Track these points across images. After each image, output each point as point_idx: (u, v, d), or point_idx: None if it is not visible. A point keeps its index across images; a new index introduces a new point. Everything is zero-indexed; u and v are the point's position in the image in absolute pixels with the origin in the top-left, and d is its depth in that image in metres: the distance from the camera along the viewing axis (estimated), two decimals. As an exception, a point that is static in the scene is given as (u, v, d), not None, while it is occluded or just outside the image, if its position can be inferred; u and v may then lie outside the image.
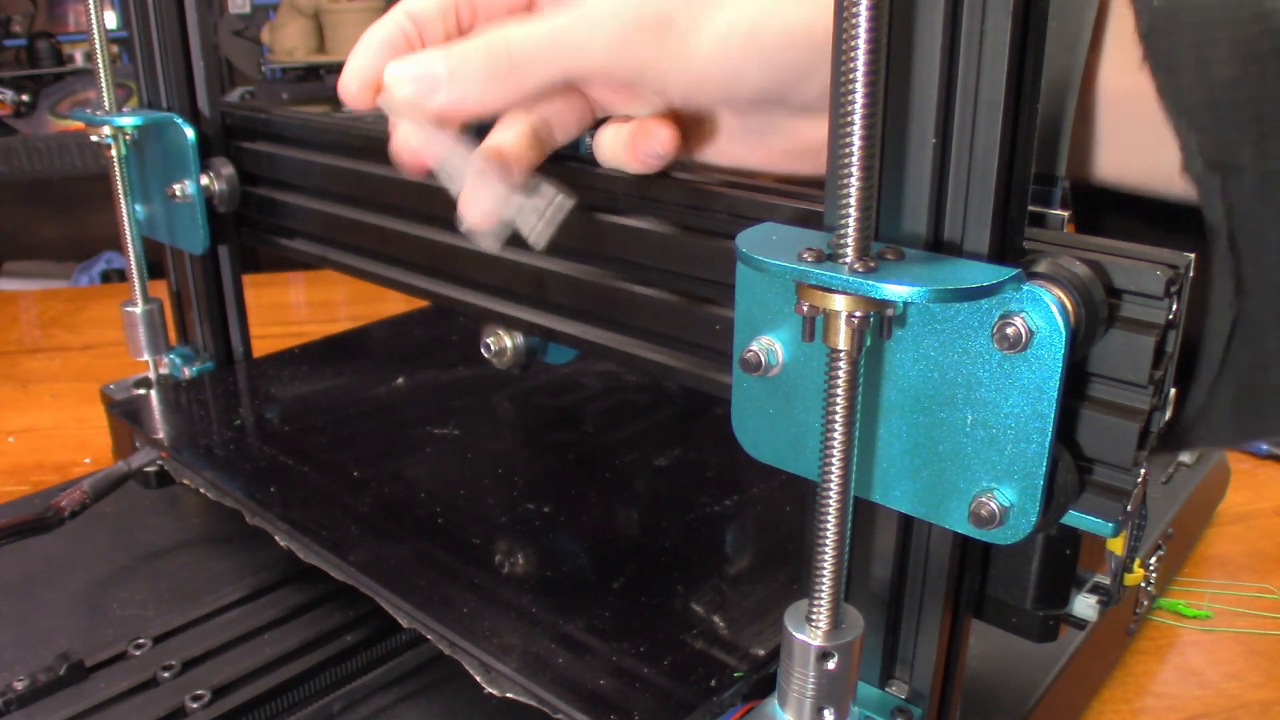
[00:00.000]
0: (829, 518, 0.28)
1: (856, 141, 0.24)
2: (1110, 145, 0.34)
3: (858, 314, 0.26)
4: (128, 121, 0.58)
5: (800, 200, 0.35)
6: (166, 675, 0.43)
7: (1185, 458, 0.61)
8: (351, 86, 0.37)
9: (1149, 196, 0.34)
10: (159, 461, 0.55)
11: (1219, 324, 0.31)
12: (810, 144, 0.36)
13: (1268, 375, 0.33)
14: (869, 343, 0.27)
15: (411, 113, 0.35)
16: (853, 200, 0.25)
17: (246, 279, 0.66)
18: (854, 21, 0.23)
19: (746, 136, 0.38)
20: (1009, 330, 0.26)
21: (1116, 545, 0.34)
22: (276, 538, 0.47)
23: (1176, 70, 0.31)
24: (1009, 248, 0.28)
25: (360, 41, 0.38)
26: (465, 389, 0.64)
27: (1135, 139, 0.33)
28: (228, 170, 0.60)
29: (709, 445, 0.57)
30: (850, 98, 0.24)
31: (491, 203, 0.36)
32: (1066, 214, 0.31)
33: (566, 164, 0.43)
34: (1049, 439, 0.27)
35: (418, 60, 0.34)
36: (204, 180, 0.59)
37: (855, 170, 0.24)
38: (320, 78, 1.63)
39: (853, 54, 0.24)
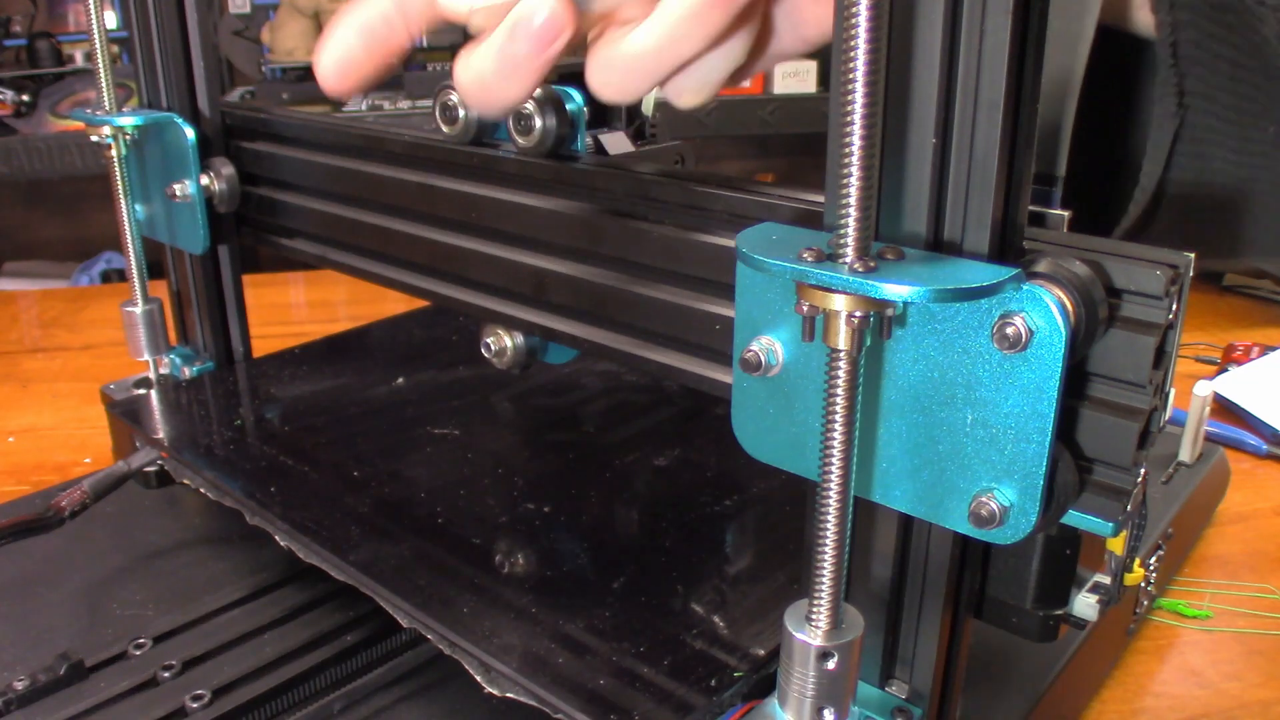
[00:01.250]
0: (829, 518, 0.28)
1: (856, 141, 0.24)
2: None
3: (858, 314, 0.26)
4: (128, 121, 0.58)
5: (800, 200, 0.35)
6: (166, 675, 0.43)
7: (1185, 457, 0.61)
8: (330, 73, 0.35)
9: (1121, 28, 0.35)
10: (159, 461, 0.55)
11: (1161, 135, 0.32)
12: None
13: (1211, 190, 0.33)
14: (869, 342, 0.27)
15: None
16: (853, 200, 0.25)
17: (246, 279, 0.66)
18: (854, 21, 0.23)
19: None
20: (1009, 330, 0.26)
21: (1116, 545, 0.34)
22: (276, 538, 0.47)
23: None
24: (1009, 247, 0.28)
25: (337, 25, 0.35)
26: (465, 389, 0.64)
27: None
28: (228, 170, 0.60)
29: (709, 445, 0.57)
30: (850, 98, 0.24)
31: None
32: (1067, 214, 0.31)
33: (569, 165, 0.43)
34: (1049, 439, 0.27)
35: None
36: (204, 180, 0.59)
37: (855, 170, 0.24)
38: (320, 78, 1.63)
39: (853, 54, 0.24)
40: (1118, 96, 0.37)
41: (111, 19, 1.37)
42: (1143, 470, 0.29)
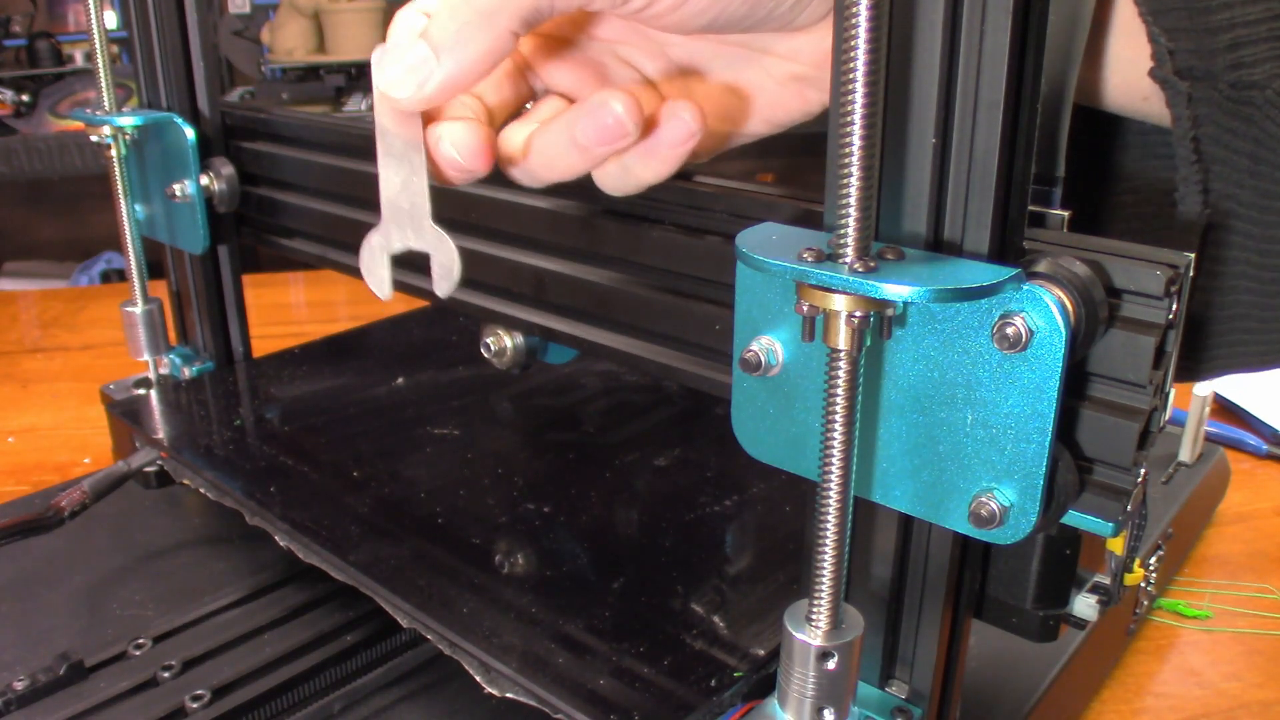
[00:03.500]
0: (829, 518, 0.28)
1: (856, 141, 0.24)
2: (1101, 58, 0.34)
3: (858, 314, 0.26)
4: (128, 121, 0.58)
5: (800, 200, 0.35)
6: (166, 675, 0.43)
7: (1185, 457, 0.61)
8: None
9: (1125, 115, 0.34)
10: (159, 461, 0.55)
11: (1188, 236, 0.31)
12: (814, 59, 0.34)
13: (1236, 297, 0.32)
14: (869, 342, 0.27)
15: (414, 108, 0.33)
16: (853, 200, 0.25)
17: (246, 279, 0.66)
18: (854, 21, 0.23)
19: (748, 72, 0.36)
20: (1009, 330, 0.26)
21: (1116, 545, 0.34)
22: (276, 538, 0.47)
23: None
24: (1009, 248, 0.28)
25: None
26: (465, 389, 0.64)
27: (1117, 49, 0.33)
28: (228, 170, 0.60)
29: (709, 445, 0.57)
30: (850, 98, 0.24)
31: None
32: (1067, 214, 0.31)
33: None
34: (1049, 439, 0.27)
35: (399, 54, 0.32)
36: (204, 180, 0.59)
37: (855, 170, 0.24)
38: (320, 78, 1.63)
39: (853, 54, 0.24)
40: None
41: (111, 19, 1.37)
42: (1143, 470, 0.29)
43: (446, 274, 0.34)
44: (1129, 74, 0.33)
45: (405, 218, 0.34)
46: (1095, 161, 0.37)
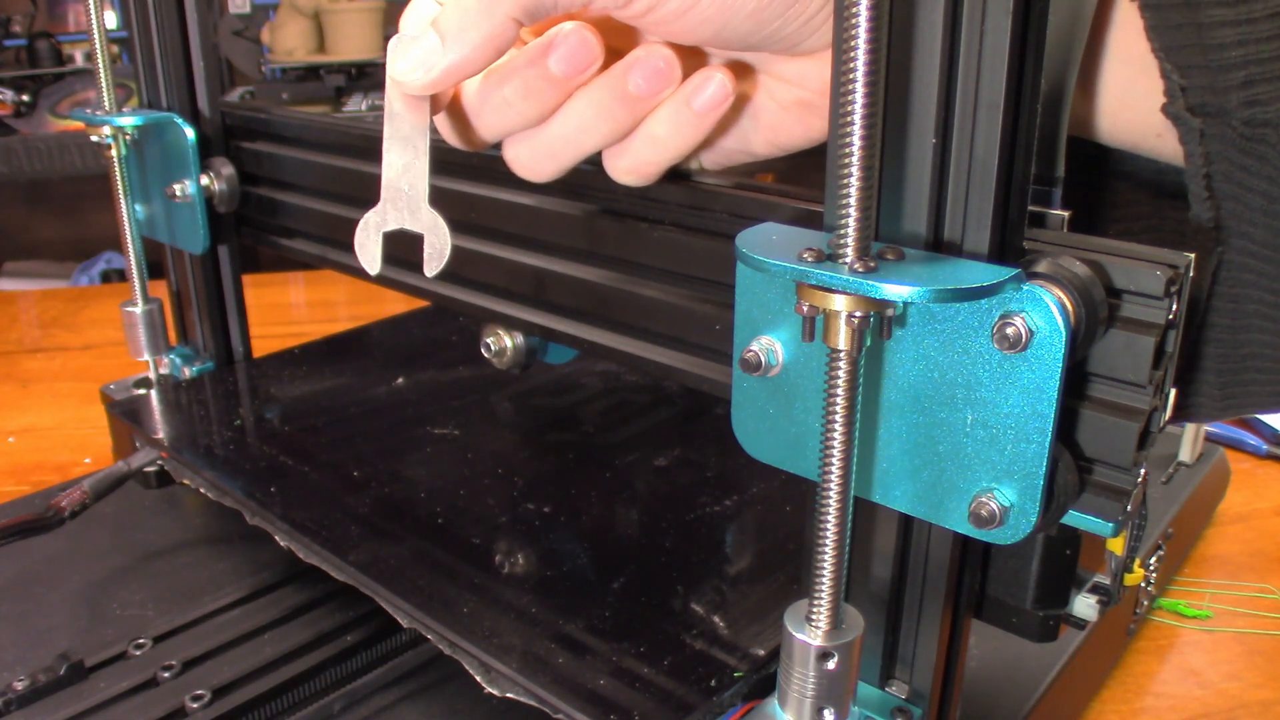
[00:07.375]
0: (829, 518, 0.28)
1: (856, 141, 0.24)
2: (1105, 94, 0.34)
3: (858, 314, 0.26)
4: (128, 121, 0.58)
5: (800, 200, 0.35)
6: (166, 675, 0.43)
7: (1185, 457, 0.61)
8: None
9: (1135, 152, 0.34)
10: (159, 461, 0.55)
11: (1199, 275, 0.31)
12: (819, 85, 0.35)
13: (1249, 337, 0.32)
14: (869, 343, 0.27)
15: (421, 92, 0.34)
16: (853, 200, 0.25)
17: (246, 279, 0.66)
18: (854, 21, 0.23)
19: (752, 93, 0.36)
20: (1009, 330, 0.26)
21: (1116, 545, 0.34)
22: (276, 538, 0.47)
23: (1164, 8, 0.30)
24: (1009, 248, 0.28)
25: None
26: (465, 389, 0.64)
27: (1127, 85, 0.33)
28: (228, 170, 0.60)
29: (709, 445, 0.57)
30: (850, 98, 0.24)
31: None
32: (1067, 214, 0.31)
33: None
34: (1049, 439, 0.27)
35: (410, 43, 0.33)
36: (204, 180, 0.59)
37: (855, 170, 0.24)
38: (320, 78, 1.63)
39: (853, 54, 0.24)
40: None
41: (111, 19, 1.37)
42: (1143, 470, 0.29)
43: (438, 255, 0.36)
44: (1141, 110, 0.33)
45: (404, 199, 0.35)
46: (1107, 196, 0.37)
